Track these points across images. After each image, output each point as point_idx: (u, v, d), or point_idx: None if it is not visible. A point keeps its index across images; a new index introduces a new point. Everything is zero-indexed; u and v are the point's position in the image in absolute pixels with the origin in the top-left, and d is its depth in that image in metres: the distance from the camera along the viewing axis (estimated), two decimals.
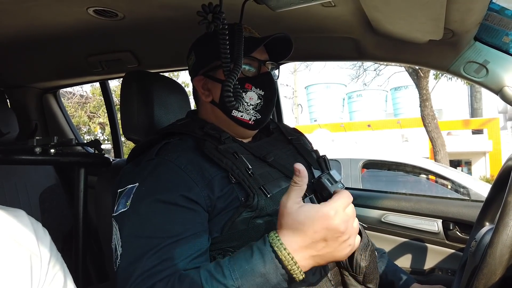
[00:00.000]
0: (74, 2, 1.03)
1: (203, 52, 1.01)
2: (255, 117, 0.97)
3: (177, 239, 0.78)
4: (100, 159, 1.50)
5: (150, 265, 0.75)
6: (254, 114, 0.97)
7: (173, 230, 0.79)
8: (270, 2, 0.83)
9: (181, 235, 0.78)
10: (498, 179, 1.04)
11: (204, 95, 1.00)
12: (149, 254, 0.76)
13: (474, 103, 18.04)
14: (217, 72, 0.97)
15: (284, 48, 1.00)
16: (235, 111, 0.96)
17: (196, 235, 0.80)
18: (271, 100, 0.98)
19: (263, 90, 0.96)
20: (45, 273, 0.61)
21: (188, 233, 0.79)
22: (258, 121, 0.98)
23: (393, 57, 1.31)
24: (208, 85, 0.99)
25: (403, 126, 16.12)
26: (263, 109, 0.97)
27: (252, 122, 0.97)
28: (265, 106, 0.97)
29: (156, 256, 0.76)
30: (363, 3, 0.97)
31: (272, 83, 0.98)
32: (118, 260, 0.79)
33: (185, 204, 0.81)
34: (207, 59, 0.99)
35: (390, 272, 1.12)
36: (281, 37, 0.96)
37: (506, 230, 0.77)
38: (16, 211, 0.65)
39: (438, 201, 1.62)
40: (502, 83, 1.08)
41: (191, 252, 0.78)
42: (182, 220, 0.80)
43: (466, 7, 0.91)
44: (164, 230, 0.79)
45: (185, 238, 0.78)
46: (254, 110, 0.96)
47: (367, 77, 32.88)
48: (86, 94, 10.81)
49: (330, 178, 0.96)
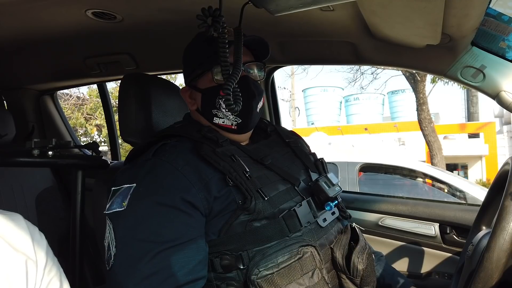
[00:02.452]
0: (73, 4, 1.03)
1: (186, 61, 1.03)
2: (236, 121, 0.96)
3: (174, 244, 0.78)
4: (98, 161, 1.50)
5: (147, 272, 0.75)
6: (234, 119, 0.96)
7: (169, 235, 0.78)
8: (269, 6, 0.83)
9: (177, 240, 0.78)
10: (495, 183, 1.05)
11: (190, 104, 1.03)
12: (145, 259, 0.76)
13: (471, 107, 18.11)
14: (198, 82, 0.98)
15: (264, 48, 0.99)
16: (216, 118, 0.97)
17: (192, 241, 0.80)
18: (250, 104, 0.96)
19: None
20: (40, 279, 0.61)
21: (184, 238, 0.79)
22: (240, 125, 0.97)
23: (391, 61, 1.32)
24: (193, 94, 1.01)
25: (400, 130, 16.16)
26: (242, 113, 0.94)
27: (235, 127, 0.97)
28: (243, 110, 0.92)
29: (153, 263, 0.76)
30: (361, 8, 0.97)
31: (248, 86, 0.95)
32: (112, 260, 0.78)
33: (184, 208, 0.81)
34: (189, 69, 1.01)
35: (387, 275, 1.12)
36: (257, 39, 0.96)
37: (503, 234, 0.77)
38: (13, 215, 0.64)
39: (435, 204, 1.62)
40: (499, 88, 1.09)
41: (187, 260, 0.78)
42: (179, 224, 0.80)
43: (463, 13, 0.92)
44: (160, 234, 0.78)
45: (181, 244, 0.78)
46: (233, 115, 0.96)
47: (364, 80, 32.98)
48: (83, 95, 10.78)
49: (327, 181, 0.97)
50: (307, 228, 0.89)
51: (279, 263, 0.81)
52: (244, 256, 0.82)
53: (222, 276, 0.84)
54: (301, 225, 0.88)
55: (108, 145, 9.48)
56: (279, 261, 0.81)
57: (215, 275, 0.84)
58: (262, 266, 0.80)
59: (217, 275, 0.84)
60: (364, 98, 23.53)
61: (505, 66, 1.08)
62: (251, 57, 1.00)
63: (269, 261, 0.81)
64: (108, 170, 1.46)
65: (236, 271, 0.83)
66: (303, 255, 0.84)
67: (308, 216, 0.90)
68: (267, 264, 0.81)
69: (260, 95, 0.99)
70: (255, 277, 0.79)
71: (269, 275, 0.80)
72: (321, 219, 0.93)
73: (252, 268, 0.80)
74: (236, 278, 0.82)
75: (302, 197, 0.93)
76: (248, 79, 0.96)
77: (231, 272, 0.83)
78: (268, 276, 0.79)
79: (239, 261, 0.82)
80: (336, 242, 0.94)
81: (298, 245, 0.84)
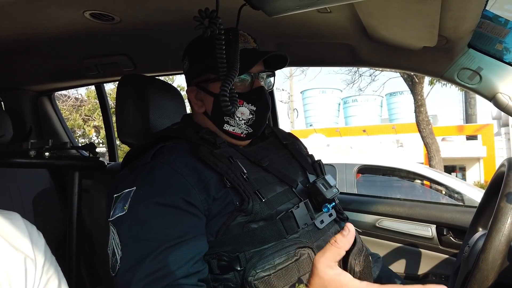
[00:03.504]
0: (71, 5, 1.03)
1: (196, 60, 0.99)
2: (247, 131, 0.96)
3: (177, 241, 0.78)
4: (95, 162, 1.50)
5: (152, 269, 0.75)
6: (246, 129, 0.96)
7: (173, 233, 0.79)
8: (267, 8, 0.83)
9: (181, 238, 0.78)
10: (491, 185, 1.05)
11: (197, 106, 1.00)
12: (150, 257, 0.76)
13: (469, 109, 18.17)
14: (210, 85, 0.96)
15: (280, 59, 0.99)
16: (226, 125, 0.96)
17: (196, 238, 0.80)
18: (264, 114, 0.97)
19: (255, 106, 0.94)
20: (39, 277, 0.61)
21: (188, 236, 0.79)
22: (250, 134, 0.97)
23: (388, 63, 1.32)
24: (201, 96, 0.98)
25: (398, 132, 16.19)
26: (255, 124, 0.96)
27: (244, 135, 0.97)
28: (257, 120, 0.96)
29: (157, 260, 0.76)
30: (358, 10, 0.98)
31: (264, 97, 0.96)
32: (118, 264, 0.78)
33: (185, 207, 0.81)
34: (201, 70, 0.98)
35: (384, 277, 1.12)
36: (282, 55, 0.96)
37: (499, 235, 0.77)
38: (11, 214, 0.64)
39: (432, 206, 1.62)
40: (495, 90, 1.09)
41: (192, 255, 0.78)
42: (182, 223, 0.80)
43: (460, 15, 0.92)
44: (164, 233, 0.78)
45: (185, 241, 0.78)
46: (246, 125, 0.95)
47: (363, 82, 33.05)
48: (81, 97, 10.77)
49: (325, 183, 0.97)
50: (304, 229, 0.89)
51: (276, 264, 0.81)
52: (241, 258, 0.82)
53: (219, 278, 0.84)
54: (298, 227, 0.88)
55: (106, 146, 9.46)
56: (276, 263, 0.81)
57: (212, 276, 0.84)
58: (259, 268, 0.80)
59: (214, 276, 0.84)
60: (362, 100, 23.59)
61: (502, 68, 1.08)
62: (263, 66, 0.99)
63: (266, 262, 0.81)
64: (105, 171, 1.46)
65: (233, 273, 0.83)
66: (300, 257, 0.84)
67: (305, 218, 0.90)
68: (264, 265, 0.81)
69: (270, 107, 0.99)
70: (252, 279, 0.79)
71: (266, 276, 0.80)
72: (318, 221, 0.93)
73: (249, 269, 0.80)
74: (233, 280, 0.82)
75: (300, 198, 0.93)
76: (265, 91, 0.96)
77: (228, 274, 0.83)
78: (265, 277, 0.79)
79: (236, 262, 0.82)
80: None
81: (295, 247, 0.84)
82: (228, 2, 0.84)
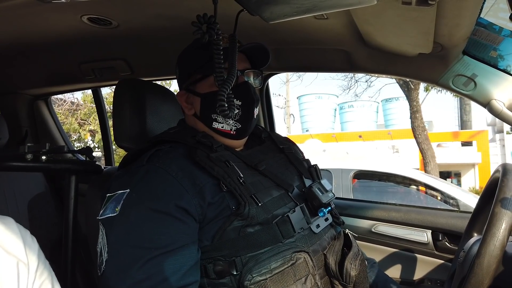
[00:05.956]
0: (69, 9, 1.03)
1: (184, 65, 1.02)
2: (235, 126, 0.97)
3: (165, 250, 0.78)
4: (92, 166, 1.50)
5: (138, 278, 0.75)
6: (234, 124, 0.97)
7: (162, 241, 0.78)
8: (264, 14, 0.84)
9: (169, 246, 0.78)
10: (486, 190, 1.06)
11: (187, 109, 1.02)
12: (137, 265, 0.76)
13: (464, 116, 18.25)
14: (196, 86, 0.98)
15: (264, 56, 1.00)
16: (215, 123, 0.97)
17: (184, 247, 0.80)
18: (250, 109, 0.98)
19: (240, 100, 0.96)
20: (32, 281, 0.61)
21: (176, 245, 0.79)
22: (239, 130, 0.98)
23: (384, 69, 1.33)
24: (191, 98, 1.00)
25: (394, 137, 16.24)
26: (243, 119, 0.97)
27: (234, 132, 0.98)
28: (244, 115, 0.97)
29: (144, 269, 0.75)
30: (355, 17, 0.99)
31: (249, 92, 0.97)
32: (103, 265, 0.78)
33: (177, 215, 0.81)
34: (187, 73, 1.00)
35: (380, 282, 1.12)
36: (259, 46, 0.97)
37: (493, 240, 0.78)
38: (4, 218, 0.64)
39: (427, 211, 1.63)
40: (490, 96, 1.10)
41: (179, 266, 0.78)
42: (171, 230, 0.80)
43: (454, 22, 0.94)
44: (152, 240, 0.78)
45: (173, 250, 0.78)
46: (233, 120, 0.96)
47: (359, 88, 33.15)
48: (77, 101, 10.75)
49: (321, 187, 0.97)
50: (300, 234, 0.90)
51: (272, 269, 0.81)
52: (237, 262, 0.82)
53: (215, 282, 0.83)
54: (294, 231, 0.88)
55: (101, 151, 9.44)
56: (272, 267, 0.81)
57: (208, 281, 0.84)
58: (255, 272, 0.80)
59: (210, 281, 0.84)
60: (358, 105, 23.66)
61: (496, 75, 1.10)
62: (249, 64, 1.01)
63: (262, 267, 0.81)
64: (101, 175, 1.45)
65: (229, 277, 0.82)
66: (296, 261, 0.84)
67: (301, 222, 0.91)
68: (260, 270, 0.81)
69: (258, 102, 1.00)
70: (248, 283, 0.79)
71: (262, 281, 0.80)
72: (314, 225, 0.94)
73: (245, 274, 0.80)
74: (229, 284, 0.82)
75: (296, 203, 0.93)
76: (249, 85, 0.97)
77: (224, 278, 0.83)
78: (261, 281, 0.79)
79: (232, 267, 0.82)
80: (329, 248, 0.94)
81: (291, 251, 0.85)
82: (226, 8, 0.84)
